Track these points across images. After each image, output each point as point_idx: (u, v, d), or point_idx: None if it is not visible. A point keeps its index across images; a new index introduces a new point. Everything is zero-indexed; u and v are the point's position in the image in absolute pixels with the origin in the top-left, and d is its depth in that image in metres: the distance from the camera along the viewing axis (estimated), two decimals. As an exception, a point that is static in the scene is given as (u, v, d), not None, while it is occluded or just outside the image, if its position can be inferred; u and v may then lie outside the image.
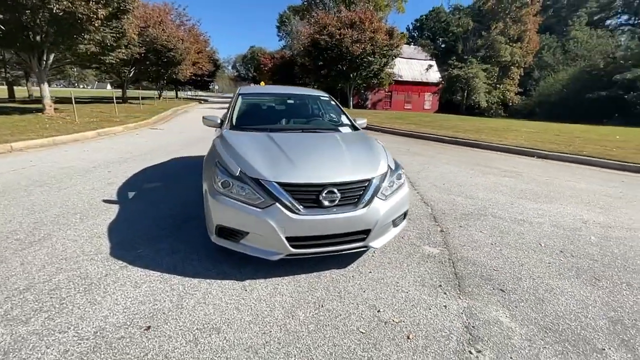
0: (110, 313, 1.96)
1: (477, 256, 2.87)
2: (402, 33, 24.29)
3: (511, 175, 6.06)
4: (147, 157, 6.46)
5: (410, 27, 55.61)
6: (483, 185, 5.26)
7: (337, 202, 2.31)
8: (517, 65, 35.35)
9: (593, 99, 26.85)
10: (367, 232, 2.42)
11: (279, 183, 2.28)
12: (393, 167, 2.76)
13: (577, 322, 2.06)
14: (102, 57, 13.39)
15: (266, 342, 1.78)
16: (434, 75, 39.50)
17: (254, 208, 2.25)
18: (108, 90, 72.19)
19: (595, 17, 43.84)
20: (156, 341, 1.76)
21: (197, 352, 1.70)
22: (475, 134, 11.05)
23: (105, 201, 3.91)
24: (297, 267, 2.55)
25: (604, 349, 1.84)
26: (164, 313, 1.99)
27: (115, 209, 3.67)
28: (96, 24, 10.43)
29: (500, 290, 2.37)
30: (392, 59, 23.57)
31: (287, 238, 2.24)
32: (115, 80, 28.51)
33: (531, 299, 2.28)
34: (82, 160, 5.96)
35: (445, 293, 2.32)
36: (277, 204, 2.23)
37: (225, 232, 2.38)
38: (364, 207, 2.37)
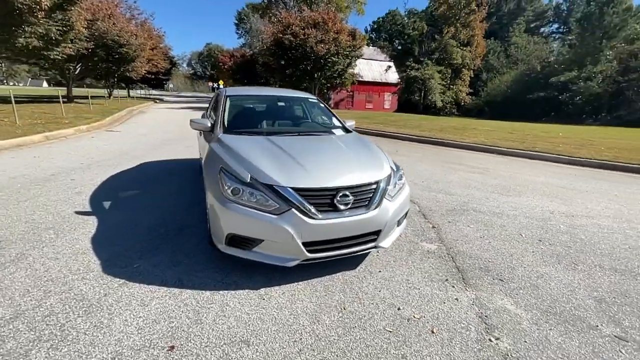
0: (123, 336, 1.81)
1: (471, 249, 3.07)
2: (363, 35, 24.89)
3: (480, 171, 6.53)
4: (112, 162, 5.98)
5: (369, 29, 57.20)
6: (457, 181, 5.61)
7: (350, 205, 2.34)
8: (467, 67, 37.95)
9: (533, 99, 29.74)
10: (377, 233, 2.49)
11: (293, 188, 2.25)
12: (395, 169, 2.85)
13: (570, 303, 2.30)
14: (45, 52, 12.09)
15: (300, 350, 1.77)
16: (393, 76, 41.07)
17: (269, 215, 2.21)
18: (45, 88, 65.18)
19: (532, 25, 48.49)
20: (184, 361, 1.67)
21: (232, 368, 1.64)
22: (439, 133, 11.70)
23: (79, 213, 3.57)
24: (308, 271, 2.54)
25: (597, 326, 2.08)
26: (183, 330, 1.88)
27: (92, 221, 3.37)
28: (39, 16, 9.41)
29: (500, 280, 2.57)
30: (355, 60, 24.09)
31: (303, 243, 2.23)
32: (52, 77, 25.80)
33: (527, 286, 2.50)
34: (37, 168, 5.35)
35: (453, 286, 2.45)
36: (293, 209, 2.21)
37: (237, 240, 2.31)
38: (374, 208, 2.42)
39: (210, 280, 2.39)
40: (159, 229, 3.23)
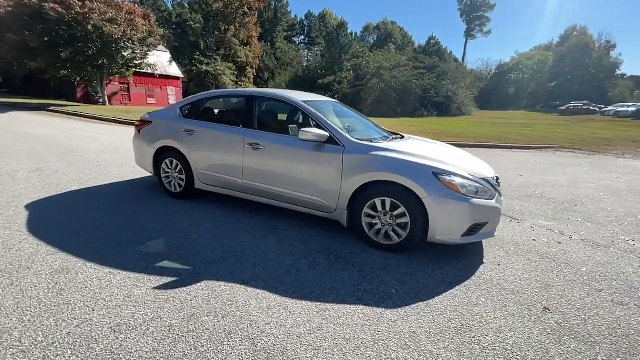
0: (501, 318, 2.10)
1: (482, 203, 4.79)
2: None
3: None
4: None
5: (128, 10, 48.70)
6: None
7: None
8: (250, 66, 41.25)
9: (310, 96, 37.17)
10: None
11: (492, 178, 3.02)
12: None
13: (551, 213, 4.45)
14: None
15: (588, 292, 2.76)
16: (177, 69, 38.04)
17: (490, 201, 2.88)
18: None
19: (287, 33, 58.56)
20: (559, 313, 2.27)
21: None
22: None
23: (162, 288, 2.33)
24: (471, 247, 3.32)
25: (568, 218, 4.30)
26: (525, 301, 2.36)
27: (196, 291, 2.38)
28: None
29: (523, 214, 4.41)
30: (154, 48, 20.79)
31: (500, 216, 3.07)
32: None
33: (530, 212, 4.48)
34: None
35: (518, 222, 4.03)
36: (497, 194, 2.99)
37: (473, 228, 2.79)
38: None
39: (451, 274, 2.73)
40: (321, 260, 2.83)
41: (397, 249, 2.97)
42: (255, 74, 43.25)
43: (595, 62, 51.07)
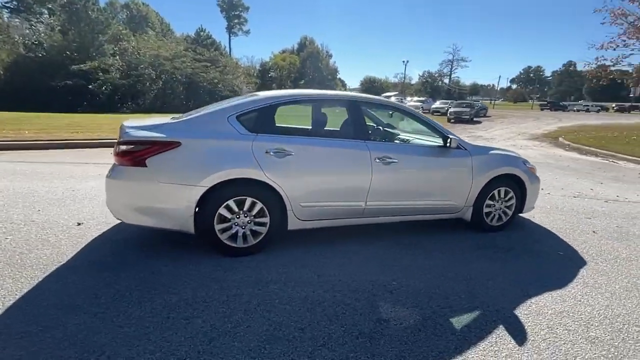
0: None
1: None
2: None
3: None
4: None
5: None
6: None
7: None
8: None
9: (62, 87, 26.68)
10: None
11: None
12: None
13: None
14: None
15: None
16: None
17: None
18: None
19: (-27, -11, 37.90)
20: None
21: (580, 223, 4.17)
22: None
23: None
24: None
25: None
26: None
27: None
28: None
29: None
30: None
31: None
32: None
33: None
34: None
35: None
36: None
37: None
38: None
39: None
40: (492, 255, 3.13)
41: (501, 228, 3.71)
42: None
43: (324, 66, 68.43)
